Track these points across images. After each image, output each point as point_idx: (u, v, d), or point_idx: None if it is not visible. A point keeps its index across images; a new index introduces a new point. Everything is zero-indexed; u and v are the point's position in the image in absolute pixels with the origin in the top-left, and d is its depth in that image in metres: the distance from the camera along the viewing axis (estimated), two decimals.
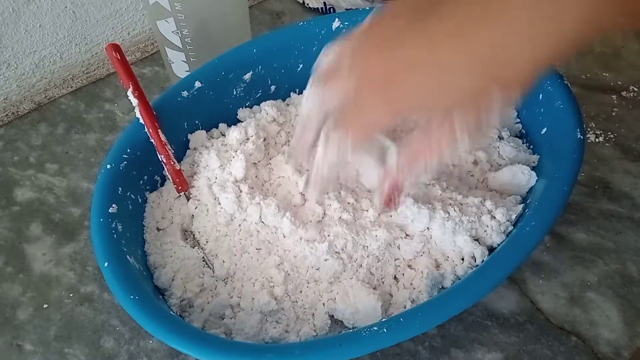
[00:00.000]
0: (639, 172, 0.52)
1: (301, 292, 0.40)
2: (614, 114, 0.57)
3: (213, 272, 0.42)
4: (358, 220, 0.42)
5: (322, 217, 0.42)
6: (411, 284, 0.40)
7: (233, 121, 0.50)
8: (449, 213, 0.40)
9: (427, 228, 0.41)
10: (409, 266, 0.41)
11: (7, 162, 0.55)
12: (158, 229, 0.44)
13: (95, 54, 0.62)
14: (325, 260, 0.40)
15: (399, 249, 0.41)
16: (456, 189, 0.42)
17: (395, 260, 0.41)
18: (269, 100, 0.50)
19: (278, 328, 0.39)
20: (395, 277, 0.41)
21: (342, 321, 0.40)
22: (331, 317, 0.40)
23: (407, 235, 0.42)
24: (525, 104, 0.47)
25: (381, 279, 0.41)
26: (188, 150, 0.48)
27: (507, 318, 0.44)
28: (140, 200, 0.43)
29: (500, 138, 0.47)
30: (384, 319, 0.35)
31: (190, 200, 0.44)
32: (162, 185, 0.46)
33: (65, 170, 0.54)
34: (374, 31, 0.30)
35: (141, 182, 0.44)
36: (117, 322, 0.44)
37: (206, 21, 0.50)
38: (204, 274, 0.41)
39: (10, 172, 0.54)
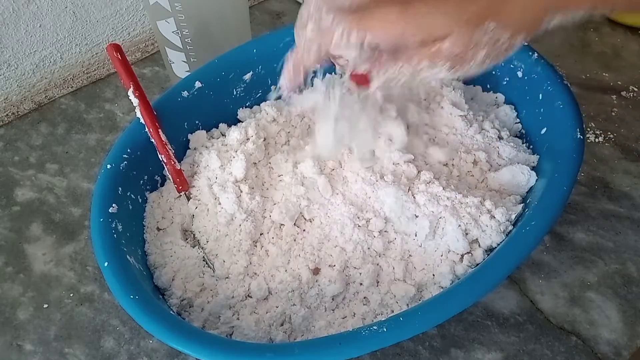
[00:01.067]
0: (638, 172, 0.52)
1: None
2: (613, 114, 0.57)
3: (213, 271, 0.42)
4: (362, 225, 0.42)
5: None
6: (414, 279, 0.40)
7: (233, 121, 0.50)
8: (448, 213, 0.40)
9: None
10: (407, 264, 0.41)
11: (8, 162, 0.55)
12: (158, 229, 0.44)
13: (96, 54, 0.62)
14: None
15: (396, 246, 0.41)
16: (456, 188, 0.42)
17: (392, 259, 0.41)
18: (269, 100, 0.50)
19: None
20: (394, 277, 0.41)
21: None
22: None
23: (406, 234, 0.42)
24: (525, 104, 0.48)
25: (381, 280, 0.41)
26: (188, 150, 0.48)
27: (507, 318, 0.44)
28: (140, 200, 0.43)
29: (500, 138, 0.47)
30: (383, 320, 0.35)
31: (191, 200, 0.44)
32: (162, 185, 0.46)
33: (66, 170, 0.54)
34: None
35: (141, 182, 0.44)
36: (117, 322, 0.44)
37: (206, 21, 0.50)
38: (204, 274, 0.42)
39: (10, 172, 0.54)
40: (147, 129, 0.43)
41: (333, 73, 0.53)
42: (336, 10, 0.32)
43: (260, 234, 0.43)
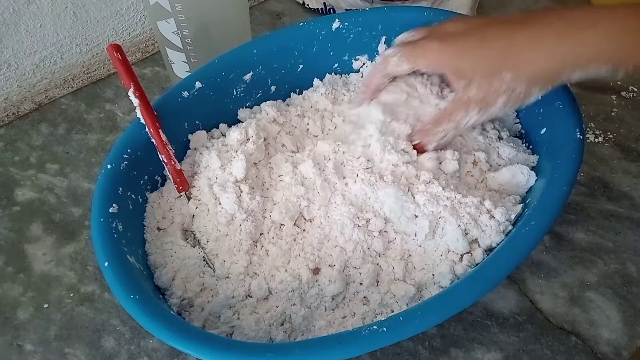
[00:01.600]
0: (638, 172, 0.52)
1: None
2: (613, 114, 0.57)
3: (214, 271, 0.42)
4: (362, 225, 0.42)
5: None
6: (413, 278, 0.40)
7: (233, 121, 0.50)
8: (448, 213, 0.40)
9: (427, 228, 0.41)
10: (407, 264, 0.41)
11: (8, 162, 0.55)
12: (158, 229, 0.44)
13: (96, 54, 0.62)
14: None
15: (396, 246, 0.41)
16: (455, 188, 0.42)
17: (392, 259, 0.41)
18: (269, 100, 0.51)
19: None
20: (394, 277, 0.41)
21: None
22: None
23: (405, 234, 0.42)
24: None
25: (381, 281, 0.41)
26: (189, 151, 0.48)
27: (507, 318, 0.44)
28: (140, 200, 0.43)
29: (500, 138, 0.47)
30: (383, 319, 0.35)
31: (191, 200, 0.44)
32: (162, 185, 0.46)
33: (66, 170, 0.54)
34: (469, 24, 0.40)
35: (142, 182, 0.44)
36: (118, 322, 0.44)
37: (206, 22, 0.50)
38: (204, 274, 0.42)
39: (10, 172, 0.54)
40: (147, 129, 0.43)
41: (333, 73, 0.53)
42: (397, 44, 0.43)
43: (261, 234, 0.43)
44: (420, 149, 0.44)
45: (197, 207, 0.44)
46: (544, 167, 0.43)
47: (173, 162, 0.44)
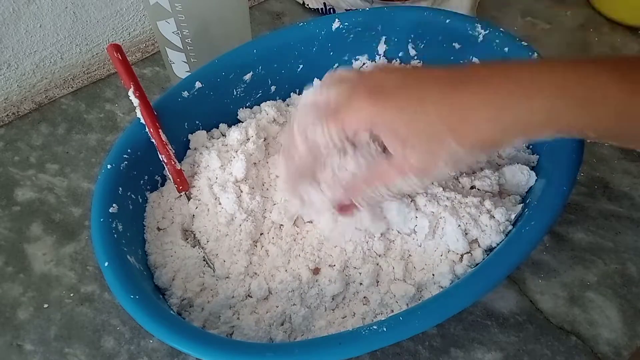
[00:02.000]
0: (638, 172, 0.52)
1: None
2: None
3: (214, 271, 0.42)
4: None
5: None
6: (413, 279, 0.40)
7: (233, 121, 0.50)
8: (448, 213, 0.40)
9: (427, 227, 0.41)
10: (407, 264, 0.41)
11: (8, 162, 0.55)
12: (158, 229, 0.44)
13: (96, 54, 0.62)
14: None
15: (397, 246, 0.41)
16: (455, 188, 0.42)
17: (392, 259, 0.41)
18: (269, 100, 0.51)
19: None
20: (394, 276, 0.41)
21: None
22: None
23: (406, 234, 0.42)
24: None
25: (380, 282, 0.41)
26: (189, 151, 0.48)
27: (507, 318, 0.44)
28: (140, 200, 0.43)
29: None
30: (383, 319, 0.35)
31: (191, 200, 0.44)
32: (162, 185, 0.46)
33: (66, 170, 0.54)
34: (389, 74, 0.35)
35: (142, 182, 0.44)
36: (118, 322, 0.44)
37: (206, 22, 0.50)
38: (204, 274, 0.42)
39: (10, 172, 0.54)
40: (147, 129, 0.43)
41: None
42: (317, 116, 0.35)
43: (261, 234, 0.43)
44: (346, 210, 0.39)
45: (197, 207, 0.44)
46: (545, 167, 0.43)
47: (173, 162, 0.44)
